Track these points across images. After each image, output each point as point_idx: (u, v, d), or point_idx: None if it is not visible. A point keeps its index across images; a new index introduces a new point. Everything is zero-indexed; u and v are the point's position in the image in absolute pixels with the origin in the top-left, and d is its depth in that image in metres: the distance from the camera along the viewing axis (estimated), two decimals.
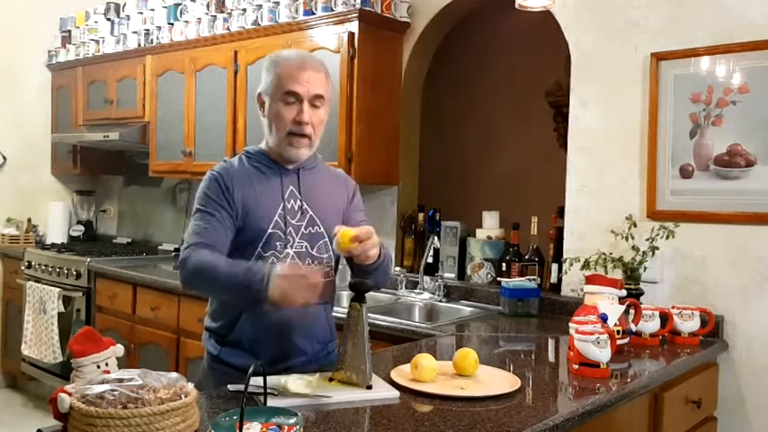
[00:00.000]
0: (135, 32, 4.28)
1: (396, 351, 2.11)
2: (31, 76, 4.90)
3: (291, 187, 1.82)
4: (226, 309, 1.83)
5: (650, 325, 2.25)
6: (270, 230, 1.76)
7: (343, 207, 1.91)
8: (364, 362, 1.58)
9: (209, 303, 1.92)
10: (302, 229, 1.80)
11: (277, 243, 1.77)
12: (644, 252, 2.45)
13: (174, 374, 1.22)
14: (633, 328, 2.20)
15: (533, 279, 2.84)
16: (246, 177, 1.80)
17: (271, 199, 1.79)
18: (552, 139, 3.86)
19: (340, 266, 1.94)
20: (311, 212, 1.82)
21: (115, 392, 1.12)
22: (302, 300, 1.56)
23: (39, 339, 4.02)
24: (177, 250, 4.31)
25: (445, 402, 1.56)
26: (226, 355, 1.82)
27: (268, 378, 1.37)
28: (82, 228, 4.94)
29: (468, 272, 3.13)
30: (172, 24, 4.05)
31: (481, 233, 3.13)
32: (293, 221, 1.79)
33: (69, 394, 1.16)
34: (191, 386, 1.21)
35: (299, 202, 1.81)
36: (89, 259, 3.98)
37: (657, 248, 2.46)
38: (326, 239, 1.82)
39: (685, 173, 2.53)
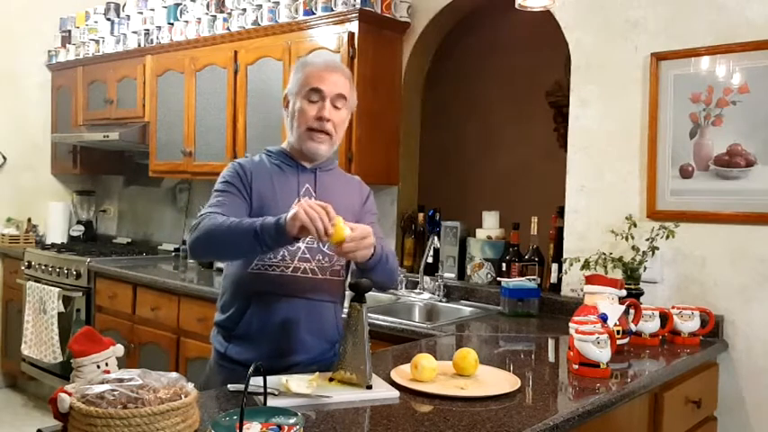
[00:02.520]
0: (135, 32, 4.28)
1: (396, 351, 2.11)
2: (31, 76, 4.90)
3: (307, 185, 1.87)
4: (236, 298, 1.85)
5: (650, 325, 2.25)
6: None
7: (357, 209, 1.93)
8: (364, 362, 1.58)
9: (219, 296, 1.93)
10: None
11: None
12: (644, 252, 2.45)
13: (174, 374, 1.22)
14: (633, 328, 2.20)
15: (533, 279, 2.84)
16: (266, 172, 1.86)
17: (286, 194, 1.82)
18: (552, 139, 3.86)
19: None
20: None
21: (115, 392, 1.12)
22: (324, 228, 1.52)
23: (39, 339, 4.02)
24: (177, 250, 4.31)
25: (445, 402, 1.56)
26: (233, 352, 1.84)
27: (268, 378, 1.37)
28: (82, 228, 4.94)
29: (468, 272, 3.13)
30: (172, 24, 4.05)
31: (481, 233, 3.13)
32: None
33: (69, 394, 1.15)
34: (191, 386, 1.21)
35: (313, 199, 1.84)
36: (89, 259, 3.98)
37: (657, 248, 2.46)
38: None
39: (685, 173, 2.53)
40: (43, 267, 4.22)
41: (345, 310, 1.94)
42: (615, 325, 2.07)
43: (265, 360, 1.46)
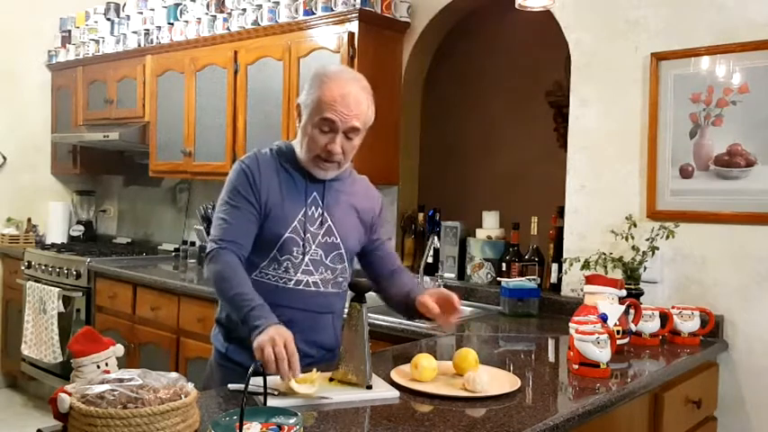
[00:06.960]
0: (135, 32, 4.28)
1: (396, 351, 2.12)
2: (31, 76, 4.90)
3: (315, 194, 1.82)
4: None
5: (650, 325, 2.25)
6: (287, 234, 1.77)
7: (367, 220, 1.92)
8: (364, 362, 1.58)
9: None
10: (319, 237, 1.80)
11: (294, 248, 1.77)
12: (644, 252, 2.45)
13: (174, 374, 1.22)
14: (633, 328, 2.20)
15: (533, 279, 2.84)
16: (274, 175, 1.80)
17: (293, 203, 1.79)
18: (552, 139, 3.86)
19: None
20: (330, 222, 1.82)
21: (115, 392, 1.12)
22: (274, 369, 1.49)
23: (39, 339, 4.02)
24: (177, 250, 4.31)
25: (445, 402, 1.56)
26: (233, 353, 1.83)
27: (268, 378, 1.37)
28: (82, 228, 4.94)
29: (469, 272, 3.13)
30: (172, 24, 4.05)
31: (481, 233, 3.13)
32: (312, 228, 1.79)
33: (69, 394, 1.16)
34: (191, 386, 1.21)
35: (320, 209, 1.81)
36: (89, 259, 3.98)
37: (657, 248, 2.46)
38: (342, 251, 1.84)
39: (685, 173, 2.53)
40: (43, 267, 4.21)
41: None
42: (615, 325, 2.07)
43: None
